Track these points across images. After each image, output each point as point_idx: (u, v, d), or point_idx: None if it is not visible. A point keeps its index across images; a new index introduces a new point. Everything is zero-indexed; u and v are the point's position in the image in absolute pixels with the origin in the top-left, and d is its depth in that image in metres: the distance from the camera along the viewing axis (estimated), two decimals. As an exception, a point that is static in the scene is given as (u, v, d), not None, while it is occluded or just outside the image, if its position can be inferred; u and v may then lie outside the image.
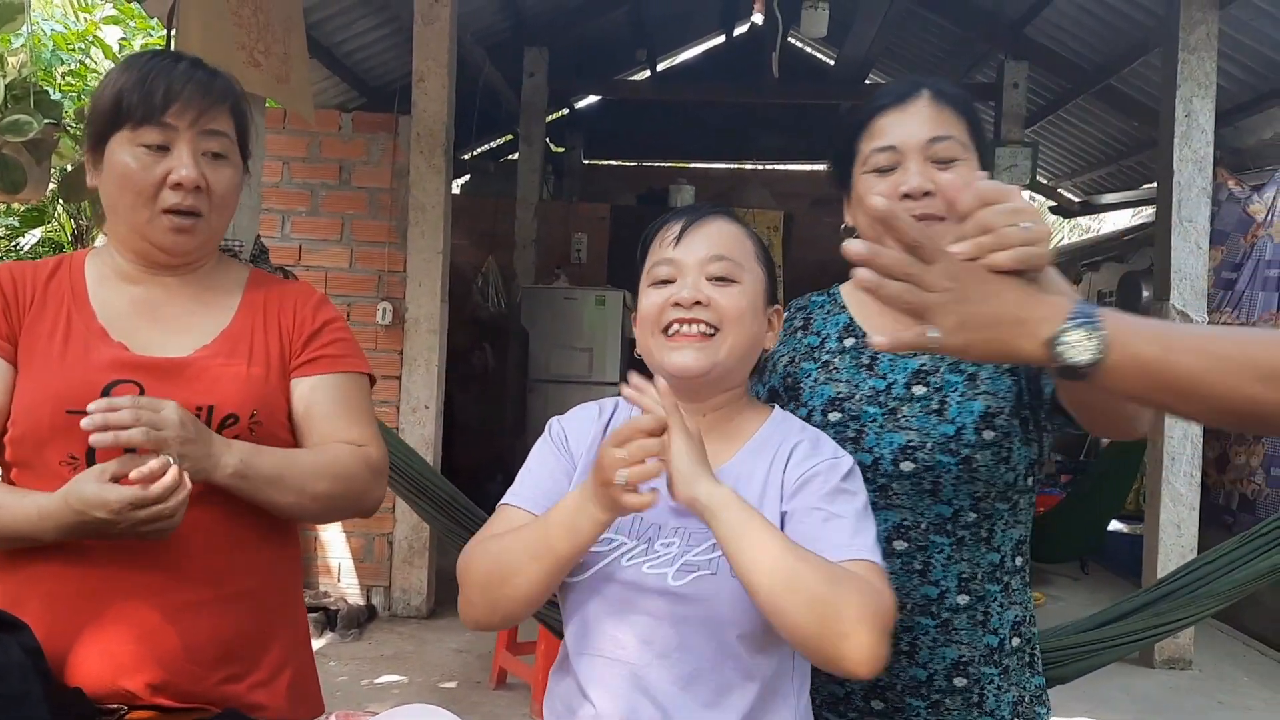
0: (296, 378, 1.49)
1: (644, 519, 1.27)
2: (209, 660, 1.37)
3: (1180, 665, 4.81)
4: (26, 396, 1.37)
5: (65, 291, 1.44)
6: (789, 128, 9.87)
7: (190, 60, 1.45)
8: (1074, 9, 6.55)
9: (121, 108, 1.38)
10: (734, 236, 1.33)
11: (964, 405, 1.40)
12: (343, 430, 1.48)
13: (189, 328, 1.45)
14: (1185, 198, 4.78)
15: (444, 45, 4.97)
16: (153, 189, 1.38)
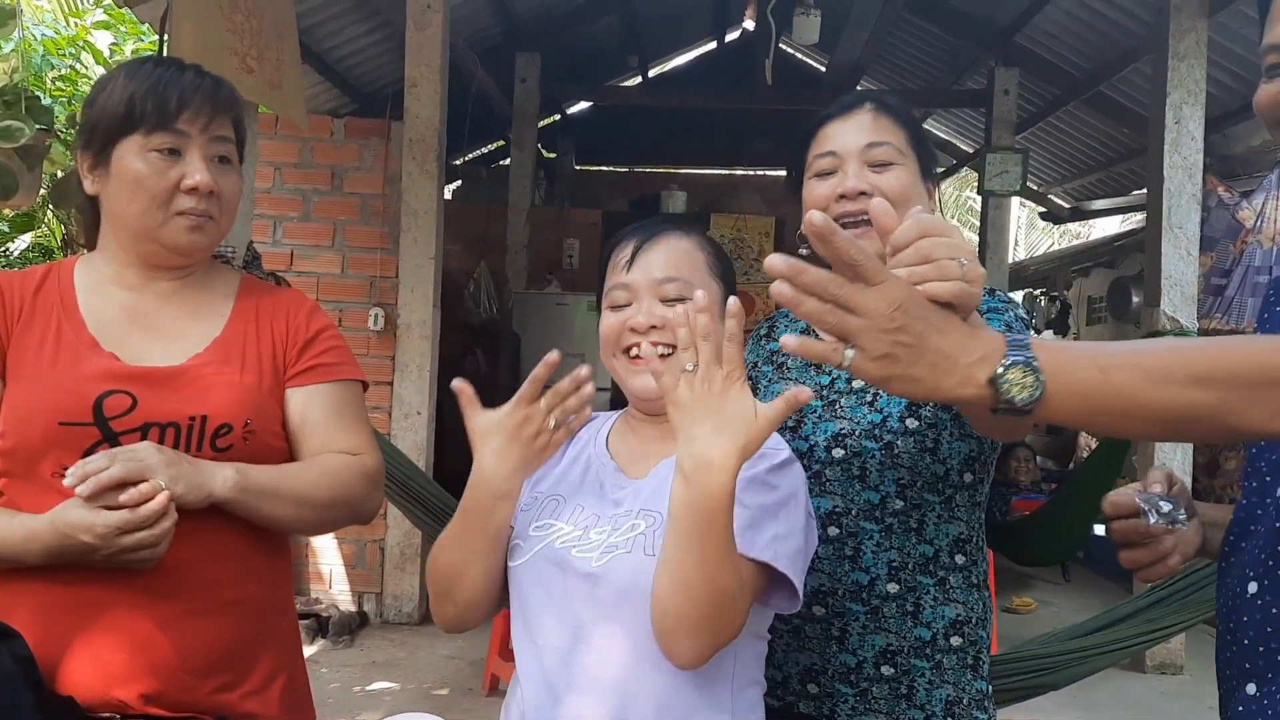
0: (291, 387, 1.50)
1: (584, 508, 1.32)
2: (201, 669, 1.36)
3: (1171, 670, 4.82)
4: (17, 408, 1.36)
5: (54, 301, 1.43)
6: (780, 133, 9.89)
7: (194, 68, 1.47)
8: (1064, 16, 6.57)
9: (134, 114, 1.39)
10: (684, 253, 1.35)
11: (892, 396, 1.46)
12: (339, 440, 1.49)
13: (180, 335, 1.45)
14: (1175, 204, 4.80)
15: (436, 51, 4.97)
16: (167, 193, 1.40)
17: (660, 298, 1.33)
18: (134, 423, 1.36)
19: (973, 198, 15.06)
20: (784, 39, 7.02)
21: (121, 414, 1.36)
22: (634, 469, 1.36)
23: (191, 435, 1.38)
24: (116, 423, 1.35)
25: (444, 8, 4.99)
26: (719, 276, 1.37)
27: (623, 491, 1.32)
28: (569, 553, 1.27)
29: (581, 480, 1.37)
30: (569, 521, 1.32)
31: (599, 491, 1.34)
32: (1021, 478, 6.58)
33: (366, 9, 5.77)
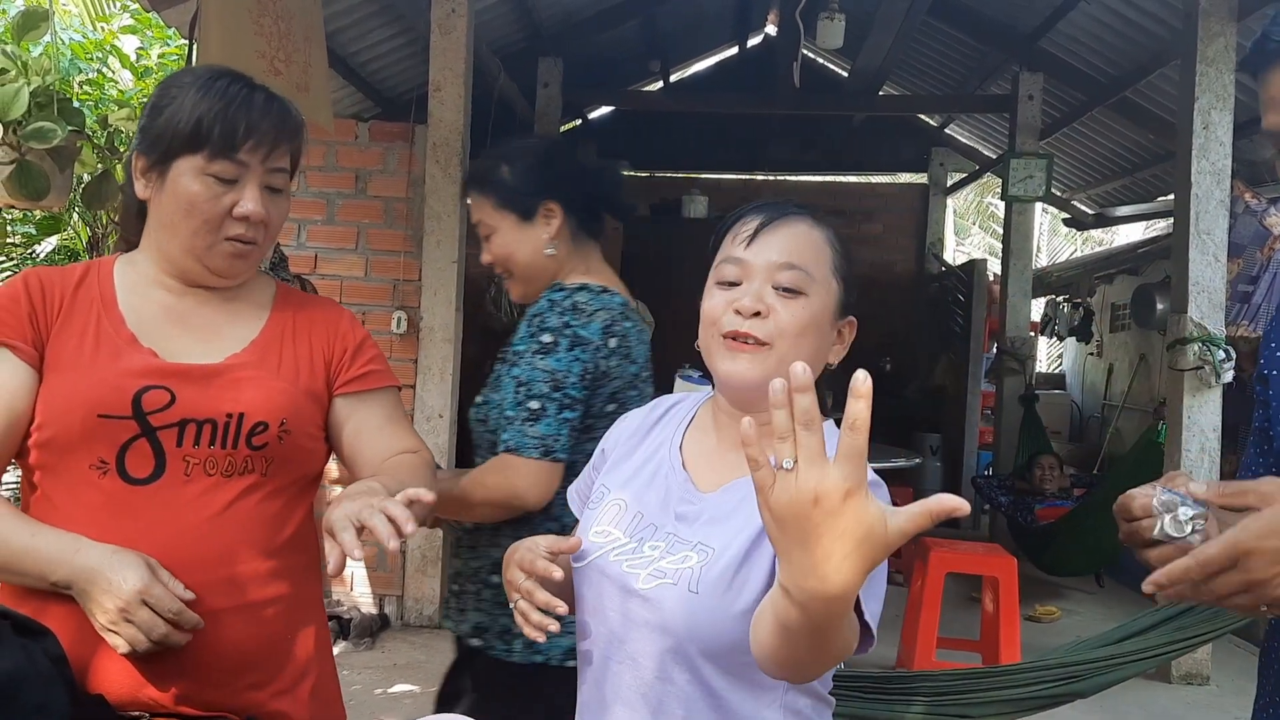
0: (342, 395, 1.52)
1: (643, 516, 1.29)
2: (231, 668, 1.37)
3: (1197, 681, 4.77)
4: (56, 401, 1.37)
5: (95, 297, 1.45)
6: (802, 139, 9.88)
7: (265, 92, 1.46)
8: (1090, 21, 6.54)
9: (200, 136, 1.39)
10: (812, 244, 1.26)
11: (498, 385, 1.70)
12: (398, 441, 1.53)
13: (218, 336, 1.47)
14: (1203, 210, 4.76)
15: (460, 55, 4.99)
16: (219, 219, 1.41)
17: (774, 284, 1.23)
18: (172, 418, 1.37)
19: (994, 203, 15.00)
20: (806, 44, 7.01)
21: (160, 409, 1.37)
22: (705, 480, 1.29)
23: (228, 432, 1.40)
24: (154, 417, 1.37)
25: (468, 12, 5.01)
26: (840, 276, 1.28)
27: (688, 506, 1.27)
28: (620, 566, 1.26)
29: (650, 483, 1.32)
30: (626, 532, 1.28)
31: (664, 499, 1.29)
32: (1047, 485, 6.53)
33: (391, 14, 5.79)
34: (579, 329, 1.75)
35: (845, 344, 1.31)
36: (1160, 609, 2.53)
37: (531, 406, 1.71)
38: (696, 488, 1.28)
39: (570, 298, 1.79)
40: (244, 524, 1.39)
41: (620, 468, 1.37)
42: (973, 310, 8.58)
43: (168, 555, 1.32)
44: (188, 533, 1.36)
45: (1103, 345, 9.71)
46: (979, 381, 8.72)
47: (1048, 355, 13.06)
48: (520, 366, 1.74)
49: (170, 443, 1.37)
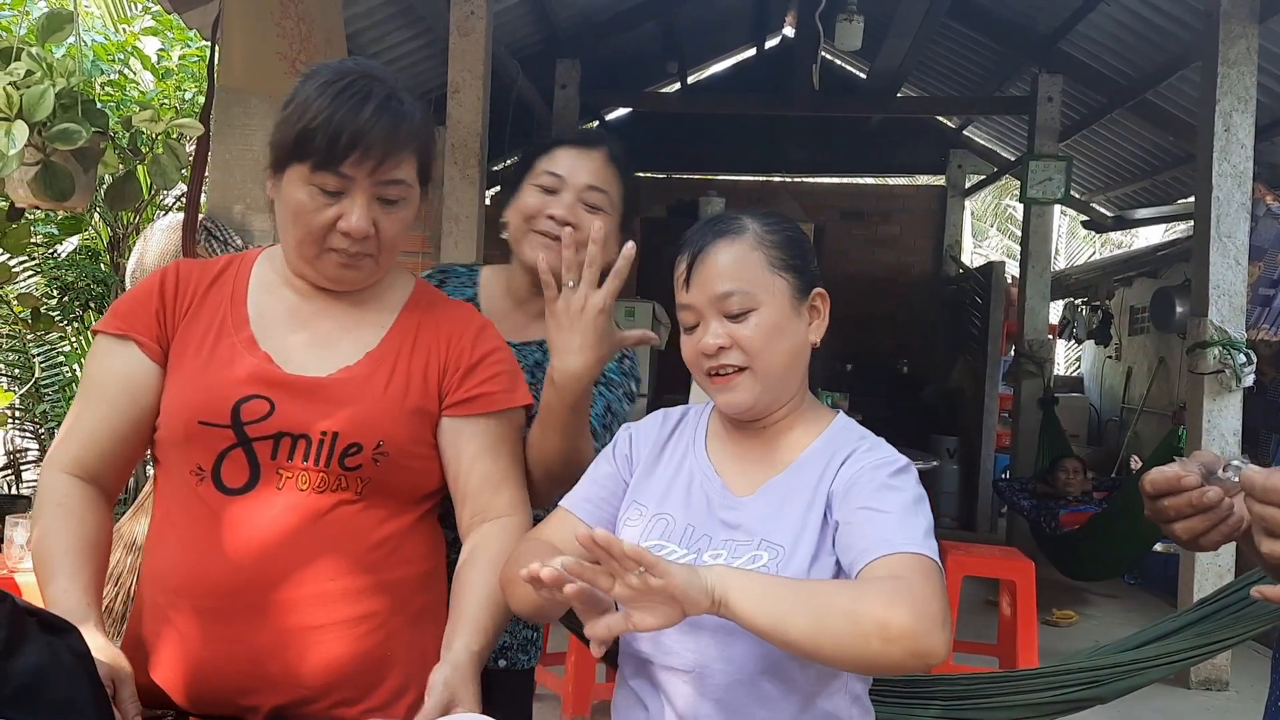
0: (449, 417, 1.45)
1: (695, 528, 1.30)
2: (319, 685, 1.34)
3: (1217, 687, 4.74)
4: (171, 401, 1.39)
5: (225, 296, 1.44)
6: (819, 140, 9.87)
7: (386, 92, 1.38)
8: (1110, 23, 6.51)
9: (304, 146, 1.34)
10: (740, 258, 1.30)
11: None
12: (492, 489, 1.45)
13: (337, 344, 1.43)
14: (1224, 213, 4.73)
15: (479, 57, 5.00)
16: (322, 231, 1.37)
17: (724, 314, 1.29)
18: (268, 430, 1.35)
19: (1013, 205, 14.93)
20: (825, 46, 7.00)
21: (257, 420, 1.35)
22: (739, 484, 1.33)
23: (321, 450, 1.35)
24: (251, 428, 1.34)
25: (487, 14, 5.02)
26: (785, 269, 1.31)
27: (732, 512, 1.30)
28: None
29: (688, 497, 1.34)
30: (681, 544, 1.29)
31: (707, 508, 1.32)
32: (1070, 489, 6.49)
33: (409, 15, 5.82)
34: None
35: (822, 315, 1.34)
36: (1181, 614, 2.51)
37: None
38: (733, 492, 1.32)
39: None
40: (335, 539, 1.35)
41: (648, 483, 1.38)
42: (990, 313, 8.55)
43: (256, 567, 1.32)
44: (277, 546, 1.33)
45: (1121, 348, 9.66)
46: (996, 384, 8.69)
47: (1066, 358, 13.00)
48: (612, 391, 1.74)
49: (265, 454, 1.35)
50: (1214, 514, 1.08)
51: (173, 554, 1.37)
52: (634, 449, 1.41)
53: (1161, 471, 1.11)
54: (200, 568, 1.34)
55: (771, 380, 1.30)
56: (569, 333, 1.42)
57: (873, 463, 1.25)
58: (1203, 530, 1.09)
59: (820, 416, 1.37)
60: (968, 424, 8.91)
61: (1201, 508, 1.07)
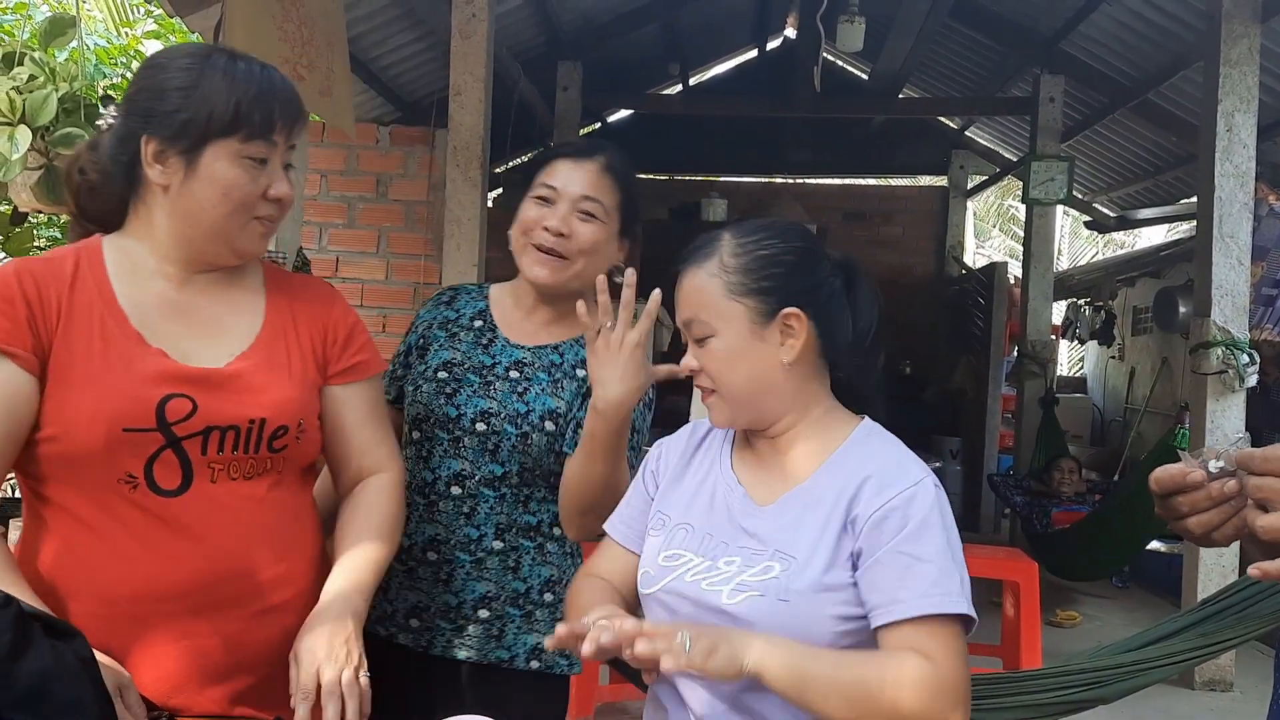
0: (332, 385, 1.52)
1: (713, 536, 1.32)
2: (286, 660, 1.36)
3: (1221, 687, 4.74)
4: (73, 413, 1.32)
5: (91, 291, 1.37)
6: (821, 142, 9.87)
7: (277, 71, 1.45)
8: (1112, 23, 6.51)
9: (240, 118, 1.36)
10: (697, 287, 1.34)
11: (541, 397, 1.73)
12: (374, 448, 1.55)
13: (223, 331, 1.44)
14: (1226, 213, 4.73)
15: (481, 59, 5.00)
16: (254, 201, 1.40)
17: (693, 339, 1.36)
18: (196, 426, 1.36)
19: (1015, 206, 14.92)
20: (826, 47, 7.01)
21: (183, 418, 1.35)
22: (760, 494, 1.35)
23: (250, 438, 1.39)
24: (179, 427, 1.35)
25: (489, 17, 5.02)
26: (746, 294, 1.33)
27: (752, 520, 1.32)
28: (699, 585, 1.29)
29: (710, 506, 1.37)
30: (698, 552, 1.32)
31: (727, 516, 1.34)
32: (1064, 489, 6.49)
33: (411, 18, 5.83)
34: None
35: (798, 334, 1.32)
36: (1185, 614, 2.51)
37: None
38: (754, 502, 1.34)
39: None
40: (274, 521, 1.42)
41: (673, 493, 1.42)
42: (993, 313, 8.54)
43: (213, 561, 1.35)
44: (227, 537, 1.37)
45: (1124, 349, 9.66)
46: (999, 385, 8.68)
47: (1069, 359, 12.99)
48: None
49: (195, 451, 1.36)
50: (1229, 507, 1.07)
51: (113, 565, 1.34)
52: (661, 463, 1.47)
53: (1166, 470, 1.11)
54: (155, 571, 1.34)
55: (738, 403, 1.33)
56: (610, 366, 1.51)
57: (901, 498, 1.24)
58: (1217, 524, 1.09)
59: (840, 425, 1.36)
60: (970, 425, 8.90)
61: (1218, 500, 1.07)
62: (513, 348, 1.78)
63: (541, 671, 1.75)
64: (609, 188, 1.74)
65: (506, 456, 1.71)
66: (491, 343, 1.79)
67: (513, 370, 1.76)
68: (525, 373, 1.76)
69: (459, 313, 1.85)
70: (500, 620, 1.73)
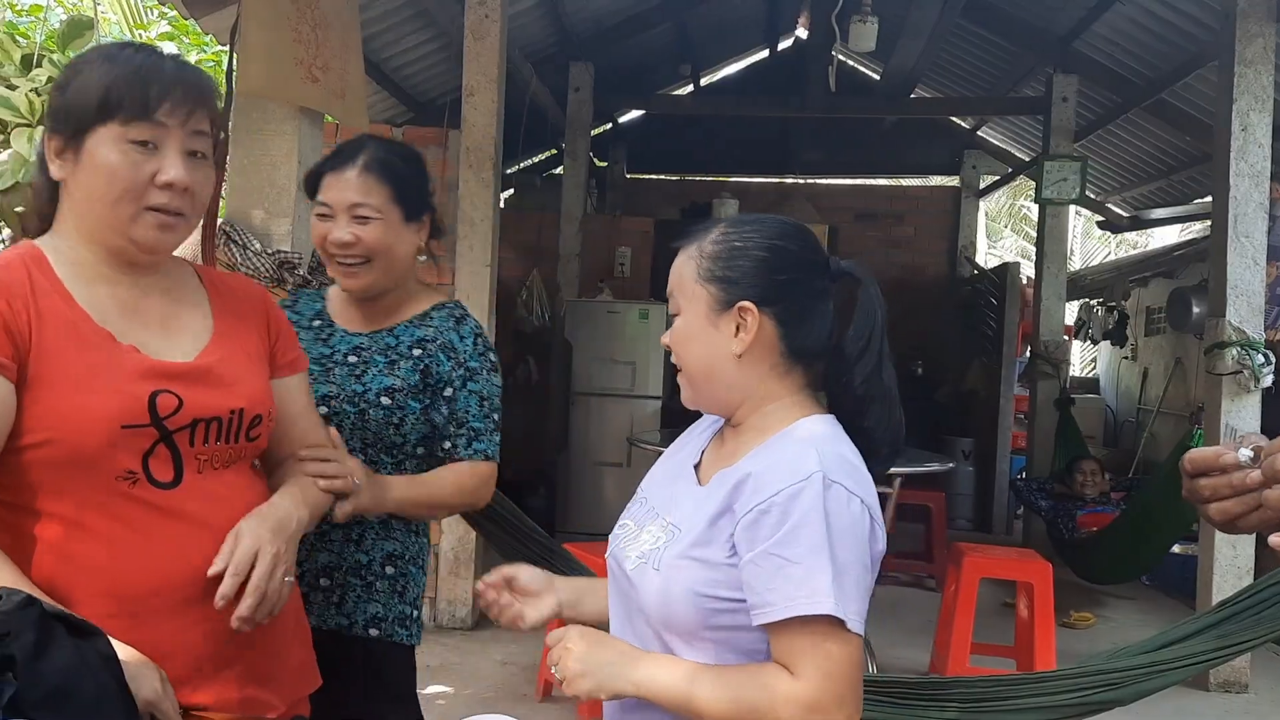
0: (278, 378, 1.57)
1: (655, 509, 1.40)
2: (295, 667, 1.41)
3: (1236, 689, 4.71)
4: (68, 414, 1.31)
5: (52, 294, 1.36)
6: (833, 142, 9.85)
7: (175, 57, 1.43)
8: (1125, 23, 6.49)
9: (112, 101, 1.33)
10: (677, 266, 1.40)
11: (377, 377, 1.87)
12: (311, 434, 1.64)
13: (179, 329, 1.45)
14: (1241, 213, 4.71)
15: (494, 60, 5.01)
16: (141, 187, 1.35)
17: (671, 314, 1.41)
18: (183, 420, 1.38)
19: (1027, 206, 14.88)
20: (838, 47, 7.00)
21: (172, 412, 1.37)
22: (705, 474, 1.40)
23: (230, 428, 1.43)
24: (169, 421, 1.37)
25: (501, 18, 5.03)
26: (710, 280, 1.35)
27: (688, 497, 1.37)
28: (621, 551, 1.38)
29: (668, 481, 1.45)
30: (635, 521, 1.41)
31: (672, 492, 1.41)
32: (1088, 491, 6.45)
33: (424, 19, 5.84)
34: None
35: (749, 329, 1.33)
36: (1201, 615, 2.50)
37: (496, 419, 1.94)
38: (697, 481, 1.40)
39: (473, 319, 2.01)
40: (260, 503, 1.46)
41: (655, 471, 1.50)
42: (1005, 314, 8.52)
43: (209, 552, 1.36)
44: (225, 526, 1.39)
45: (1137, 349, 9.62)
46: (1012, 385, 8.66)
47: (1081, 359, 12.95)
48: (479, 382, 1.92)
49: (184, 444, 1.38)
50: (1251, 498, 1.06)
51: (117, 564, 1.33)
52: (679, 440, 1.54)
53: (1201, 451, 1.11)
54: (165, 561, 1.35)
55: (694, 384, 1.38)
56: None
57: (790, 491, 1.22)
58: (1237, 514, 1.08)
59: (784, 418, 1.34)
60: (983, 425, 8.88)
61: (1239, 490, 1.06)
62: (351, 336, 1.94)
63: (381, 639, 1.88)
64: (374, 186, 1.84)
65: (348, 434, 1.84)
66: (330, 336, 1.95)
67: (350, 356, 1.91)
68: (363, 356, 1.91)
69: (300, 314, 1.99)
70: (341, 589, 1.87)
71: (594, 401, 7.14)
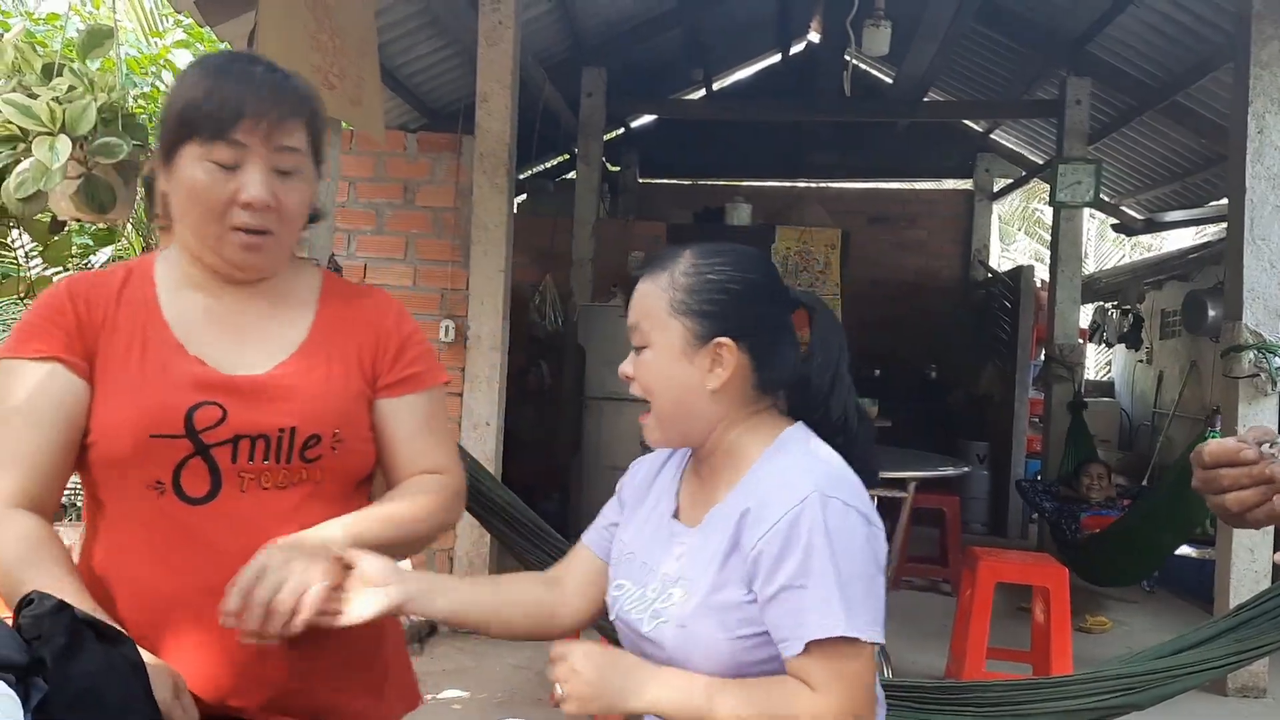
0: (383, 398, 1.47)
1: (647, 565, 1.37)
2: (314, 677, 1.38)
3: (1254, 694, 4.69)
4: (108, 418, 1.35)
5: (138, 303, 1.40)
6: (845, 145, 9.85)
7: (266, 65, 1.38)
8: (1138, 25, 6.47)
9: (192, 122, 1.32)
10: (645, 295, 1.35)
11: None
12: (427, 456, 1.49)
13: (265, 339, 1.42)
14: (1258, 215, 4.69)
15: (507, 66, 5.03)
16: (222, 206, 1.34)
17: (634, 345, 1.38)
18: (224, 435, 1.35)
19: (1040, 209, 14.85)
20: (851, 51, 7.00)
21: (212, 426, 1.35)
22: (690, 516, 1.38)
23: (281, 447, 1.37)
24: (207, 435, 1.35)
25: (515, 24, 5.05)
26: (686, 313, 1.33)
27: (679, 544, 1.35)
28: (631, 615, 1.35)
29: (655, 530, 1.41)
30: (635, 581, 1.38)
31: (660, 542, 1.38)
32: (1093, 494, 6.44)
33: (437, 26, 5.86)
34: None
35: (725, 364, 1.32)
36: (1219, 620, 2.50)
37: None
38: (685, 525, 1.37)
39: None
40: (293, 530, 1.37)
41: (632, 521, 1.45)
42: (1020, 317, 8.50)
43: (231, 574, 1.31)
44: (252, 547, 1.33)
45: (1152, 352, 9.59)
46: (1026, 389, 8.64)
47: (1096, 362, 12.90)
48: None
49: (224, 459, 1.35)
50: (1270, 488, 1.09)
51: (144, 572, 1.35)
52: (630, 484, 1.51)
53: (1221, 443, 1.13)
54: (178, 582, 1.34)
55: (665, 419, 1.34)
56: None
57: (790, 517, 1.22)
58: (1255, 503, 1.10)
59: (756, 442, 1.35)
60: (997, 429, 8.86)
61: (1259, 480, 1.08)
62: None
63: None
64: None
65: None
66: None
67: None
68: None
69: None
70: None
71: (607, 406, 7.14)
